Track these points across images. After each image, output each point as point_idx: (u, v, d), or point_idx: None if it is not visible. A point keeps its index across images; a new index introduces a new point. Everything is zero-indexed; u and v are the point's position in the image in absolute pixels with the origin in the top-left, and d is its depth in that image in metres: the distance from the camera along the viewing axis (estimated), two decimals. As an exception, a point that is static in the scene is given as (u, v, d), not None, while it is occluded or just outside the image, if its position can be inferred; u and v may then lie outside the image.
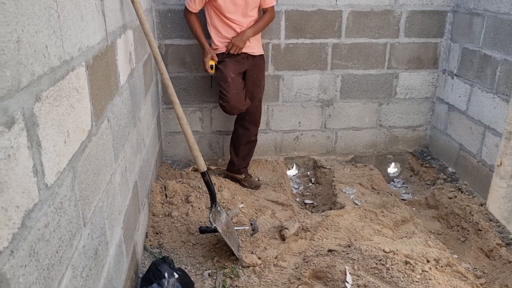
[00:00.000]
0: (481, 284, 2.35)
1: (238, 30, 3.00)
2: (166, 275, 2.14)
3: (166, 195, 2.96)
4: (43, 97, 1.03)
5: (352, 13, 3.43)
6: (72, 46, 1.26)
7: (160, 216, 2.81)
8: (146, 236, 2.65)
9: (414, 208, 3.29)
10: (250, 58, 3.14)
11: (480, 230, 2.78)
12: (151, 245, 2.61)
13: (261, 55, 3.22)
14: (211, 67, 3.03)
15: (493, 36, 2.97)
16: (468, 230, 2.87)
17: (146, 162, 2.71)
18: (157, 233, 2.68)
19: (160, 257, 2.38)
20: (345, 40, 3.51)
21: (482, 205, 2.98)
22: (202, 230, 2.57)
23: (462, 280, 2.25)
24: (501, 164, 0.65)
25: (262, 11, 3.13)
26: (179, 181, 3.11)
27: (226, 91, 3.04)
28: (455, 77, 3.45)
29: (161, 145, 3.59)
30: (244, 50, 3.07)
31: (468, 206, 2.97)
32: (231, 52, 3.01)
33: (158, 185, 3.01)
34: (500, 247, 2.63)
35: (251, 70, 3.18)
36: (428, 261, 2.29)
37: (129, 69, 2.19)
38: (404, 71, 3.67)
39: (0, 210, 0.81)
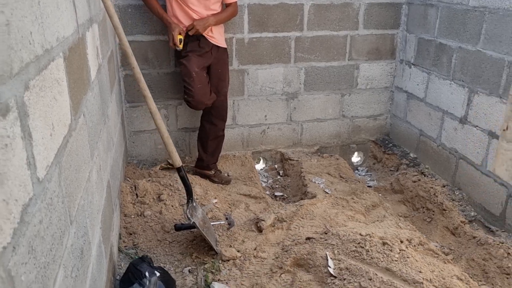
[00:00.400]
0: (451, 260, 2.47)
1: None
2: (147, 274, 2.09)
3: (137, 194, 2.88)
4: (31, 86, 0.98)
5: (313, 6, 3.49)
6: (51, 35, 1.20)
7: (133, 216, 2.73)
8: (120, 238, 2.56)
9: (380, 194, 3.40)
10: (214, 51, 3.12)
11: (445, 210, 2.92)
12: (125, 246, 2.53)
13: (225, 49, 3.21)
14: (180, 41, 2.94)
15: (448, 25, 3.13)
16: (433, 211, 3.00)
17: (115, 162, 2.63)
18: (131, 234, 2.61)
19: (138, 257, 2.32)
20: (307, 33, 3.56)
21: (444, 186, 3.13)
22: (178, 227, 2.54)
23: (434, 257, 2.36)
24: (507, 128, 0.68)
25: (225, 6, 3.12)
26: (149, 180, 3.04)
27: (190, 86, 3.00)
28: (412, 66, 3.60)
29: (126, 145, 3.49)
30: (209, 39, 3.03)
31: (432, 188, 3.12)
32: (189, 33, 2.95)
33: (127, 185, 2.92)
34: (464, 224, 2.78)
35: (215, 64, 3.17)
36: (401, 242, 2.37)
37: (97, 64, 2.11)
38: (364, 62, 3.78)
39: (1, 203, 0.76)
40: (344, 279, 2.01)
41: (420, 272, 2.00)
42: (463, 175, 3.04)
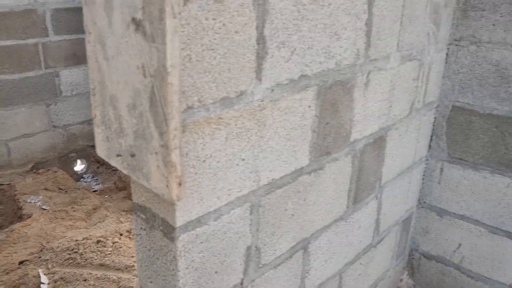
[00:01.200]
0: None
1: None
2: None
3: None
4: None
5: (-12, 14, 3.17)
6: None
7: None
8: None
9: (106, 196, 3.44)
10: None
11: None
12: None
13: None
14: None
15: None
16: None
17: None
18: None
19: None
20: (-13, 43, 3.22)
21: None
22: None
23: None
24: (95, 116, 0.81)
25: None
26: None
27: None
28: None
29: None
30: None
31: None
32: None
33: None
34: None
35: None
36: (121, 234, 2.48)
37: None
38: (63, 68, 3.68)
39: None
40: (60, 290, 1.97)
41: (132, 257, 2.14)
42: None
